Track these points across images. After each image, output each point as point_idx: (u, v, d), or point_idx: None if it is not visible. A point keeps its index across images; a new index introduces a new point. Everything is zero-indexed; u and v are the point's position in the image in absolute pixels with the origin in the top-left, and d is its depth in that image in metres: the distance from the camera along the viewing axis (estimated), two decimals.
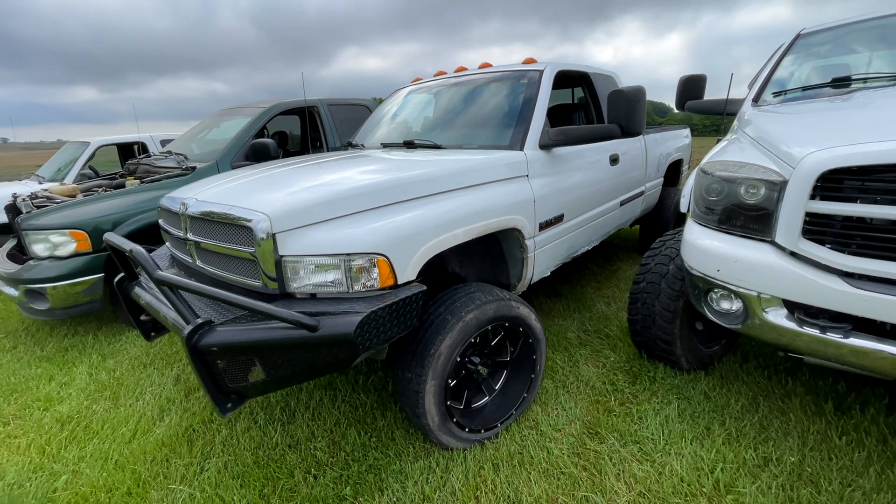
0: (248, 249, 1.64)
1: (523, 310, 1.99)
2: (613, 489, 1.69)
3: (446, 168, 2.02)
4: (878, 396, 2.10)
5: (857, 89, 2.11)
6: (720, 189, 1.79)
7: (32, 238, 2.96)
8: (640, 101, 2.37)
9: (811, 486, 1.64)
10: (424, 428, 1.81)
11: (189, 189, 2.17)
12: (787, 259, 1.56)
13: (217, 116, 4.71)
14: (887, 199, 1.34)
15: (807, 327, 1.52)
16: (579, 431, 2.01)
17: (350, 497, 1.71)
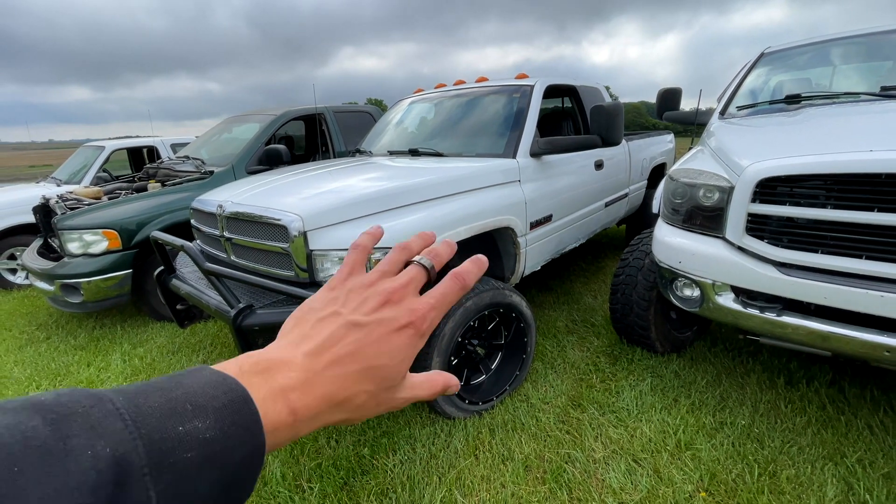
0: (282, 245, 1.93)
1: (516, 298, 2.29)
2: (591, 448, 2.00)
3: (448, 174, 2.32)
4: (824, 373, 2.41)
5: (805, 106, 2.43)
6: (683, 193, 2.10)
7: (67, 237, 3.23)
8: (618, 116, 2.68)
9: (756, 442, 1.96)
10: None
11: (221, 192, 2.46)
12: (735, 252, 1.87)
13: (228, 122, 4.98)
14: (808, 203, 1.66)
15: (749, 308, 1.83)
16: (564, 403, 2.32)
17: (368, 456, 2.00)
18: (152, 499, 0.23)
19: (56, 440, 0.21)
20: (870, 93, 2.33)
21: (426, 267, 0.41)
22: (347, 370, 0.33)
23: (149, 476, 0.23)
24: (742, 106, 2.84)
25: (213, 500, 0.26)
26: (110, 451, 0.22)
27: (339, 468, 1.93)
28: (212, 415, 0.26)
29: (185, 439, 0.25)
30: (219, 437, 0.26)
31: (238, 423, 0.27)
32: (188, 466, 0.24)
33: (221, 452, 0.26)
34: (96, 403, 0.23)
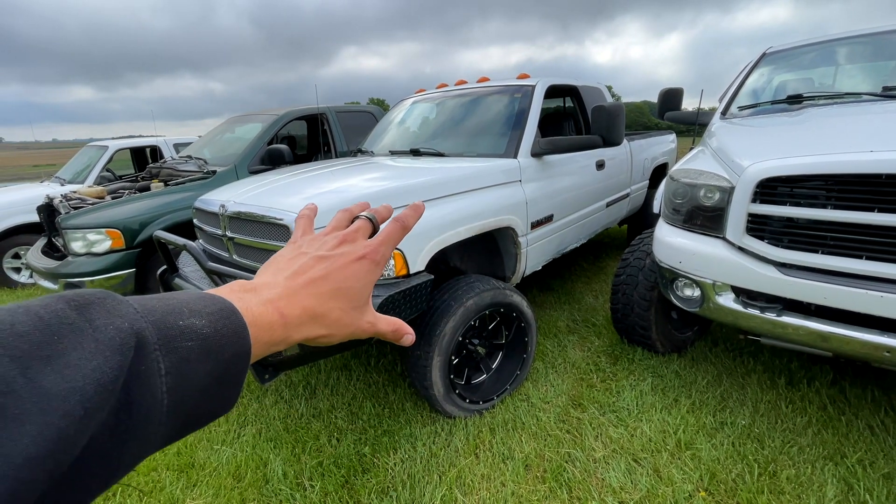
0: (282, 244, 1.94)
1: (516, 297, 2.30)
2: (592, 447, 2.00)
3: (450, 174, 2.33)
4: (825, 373, 2.41)
5: (807, 107, 2.43)
6: (684, 193, 2.11)
7: (71, 236, 3.25)
8: (619, 116, 2.68)
9: (757, 442, 1.96)
10: (431, 398, 2.11)
11: (224, 192, 2.47)
12: (735, 252, 1.88)
13: (230, 122, 5.00)
14: (808, 203, 1.66)
15: (749, 308, 1.83)
16: (565, 403, 2.32)
17: (369, 454, 2.01)
18: (162, 370, 0.27)
19: (82, 321, 0.26)
20: (871, 93, 2.33)
21: (370, 218, 0.49)
22: (321, 289, 0.40)
23: (159, 352, 0.28)
24: (744, 106, 2.84)
25: (207, 388, 0.30)
26: (128, 325, 0.27)
27: (339, 466, 1.94)
28: (206, 317, 0.31)
29: (185, 331, 0.30)
30: (213, 335, 0.31)
31: (228, 327, 0.32)
32: (189, 353, 0.29)
33: (215, 348, 0.31)
34: (109, 296, 0.28)
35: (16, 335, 0.23)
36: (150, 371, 0.27)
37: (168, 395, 0.28)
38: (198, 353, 0.30)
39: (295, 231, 0.50)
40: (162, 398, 0.27)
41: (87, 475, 0.24)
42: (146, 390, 0.27)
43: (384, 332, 0.46)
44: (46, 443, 0.21)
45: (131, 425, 0.26)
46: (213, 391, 0.31)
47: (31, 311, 0.25)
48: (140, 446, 0.27)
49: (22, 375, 0.22)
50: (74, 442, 0.23)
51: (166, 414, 0.28)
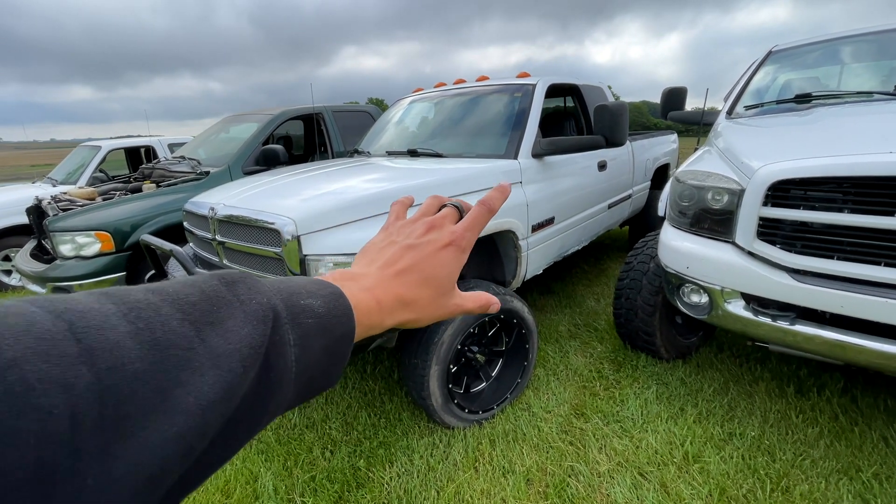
0: (274, 249, 1.86)
1: (517, 303, 2.22)
2: (596, 460, 1.93)
3: (448, 176, 2.25)
4: (835, 381, 2.34)
5: (816, 106, 2.36)
6: (691, 195, 2.03)
7: (59, 239, 3.16)
8: (623, 116, 2.60)
9: (767, 455, 1.88)
10: (429, 408, 2.04)
11: (214, 194, 2.39)
12: (745, 257, 1.80)
13: (225, 122, 4.92)
14: (824, 206, 1.58)
15: (760, 316, 1.76)
16: (567, 412, 2.25)
17: (364, 468, 1.93)
18: (291, 341, 0.31)
19: (231, 295, 0.30)
20: (884, 92, 2.25)
21: (456, 206, 0.51)
22: (410, 278, 0.43)
23: (288, 325, 0.32)
24: (750, 105, 2.76)
25: (320, 362, 0.34)
26: (266, 300, 0.31)
27: (333, 481, 1.86)
28: (320, 299, 0.35)
29: (306, 310, 0.34)
30: (326, 315, 0.35)
31: (338, 308, 0.36)
32: (309, 329, 0.33)
33: (329, 326, 0.35)
34: (249, 276, 0.33)
35: (190, 304, 0.28)
36: (283, 341, 0.31)
37: (295, 363, 0.32)
38: (315, 330, 0.34)
39: (389, 216, 0.53)
40: (291, 366, 0.31)
41: (238, 426, 0.28)
42: (280, 357, 0.31)
43: (471, 310, 0.48)
44: (220, 391, 0.26)
45: (270, 387, 0.30)
46: (325, 366, 0.35)
47: (196, 286, 0.30)
48: (274, 406, 0.31)
49: (197, 336, 0.26)
50: (237, 394, 0.27)
51: (293, 381, 0.32)
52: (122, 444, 0.22)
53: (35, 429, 0.19)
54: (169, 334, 0.25)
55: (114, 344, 0.23)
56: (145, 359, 0.24)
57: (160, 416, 0.23)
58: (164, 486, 0.24)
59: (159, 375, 0.24)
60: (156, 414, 0.23)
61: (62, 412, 0.20)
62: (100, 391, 0.21)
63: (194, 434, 0.24)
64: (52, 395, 0.20)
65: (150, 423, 0.23)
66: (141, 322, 0.25)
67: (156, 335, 0.25)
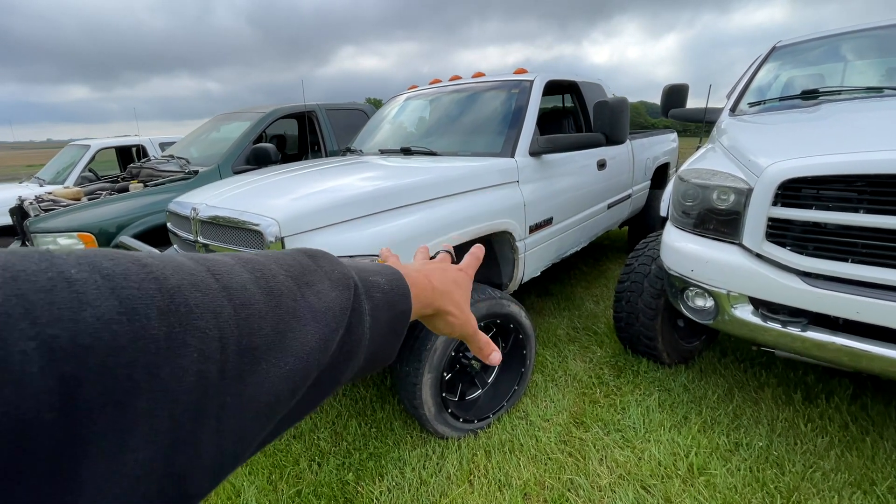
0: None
1: (514, 307, 2.12)
2: (596, 472, 1.83)
3: (442, 175, 2.16)
4: (844, 387, 2.25)
5: (824, 102, 2.27)
6: (695, 195, 1.94)
7: (40, 241, 3.05)
8: (624, 112, 2.51)
9: (776, 467, 1.79)
10: (421, 418, 1.94)
11: (197, 194, 2.29)
12: (753, 260, 1.71)
13: (216, 121, 4.81)
14: (838, 206, 1.49)
15: (770, 322, 1.67)
16: (566, 421, 2.15)
17: (352, 482, 1.83)
18: (366, 310, 0.36)
19: (315, 266, 0.34)
20: (895, 87, 2.17)
21: (448, 252, 0.59)
22: (444, 276, 0.49)
23: (364, 297, 0.36)
24: (754, 102, 2.68)
25: (385, 335, 0.38)
26: (346, 271, 0.36)
27: (320, 496, 1.77)
28: (384, 276, 0.40)
29: (374, 285, 0.38)
30: (390, 291, 0.39)
31: (399, 287, 0.40)
32: (379, 302, 0.37)
33: (393, 301, 0.39)
34: (326, 252, 0.38)
35: (287, 266, 0.32)
36: (361, 309, 0.35)
37: (369, 331, 0.35)
38: (383, 304, 0.37)
39: None
40: (366, 332, 0.35)
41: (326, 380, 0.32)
42: (359, 323, 0.34)
43: (480, 340, 0.52)
44: (319, 341, 0.30)
45: (350, 348, 0.33)
46: (387, 339, 0.38)
47: (287, 255, 0.34)
48: (351, 367, 0.34)
49: (299, 291, 0.30)
50: (330, 347, 0.31)
51: (367, 347, 0.35)
52: (252, 372, 0.25)
53: (197, 345, 0.22)
54: (280, 285, 0.29)
55: (242, 285, 0.26)
56: (266, 301, 0.27)
57: (277, 353, 0.26)
58: (276, 415, 0.27)
59: (277, 318, 0.27)
60: (274, 351, 0.26)
61: (214, 334, 0.23)
62: (237, 322, 0.24)
63: (300, 375, 0.28)
64: (206, 318, 0.23)
65: (270, 357, 0.26)
66: (257, 272, 0.28)
67: (271, 284, 0.28)
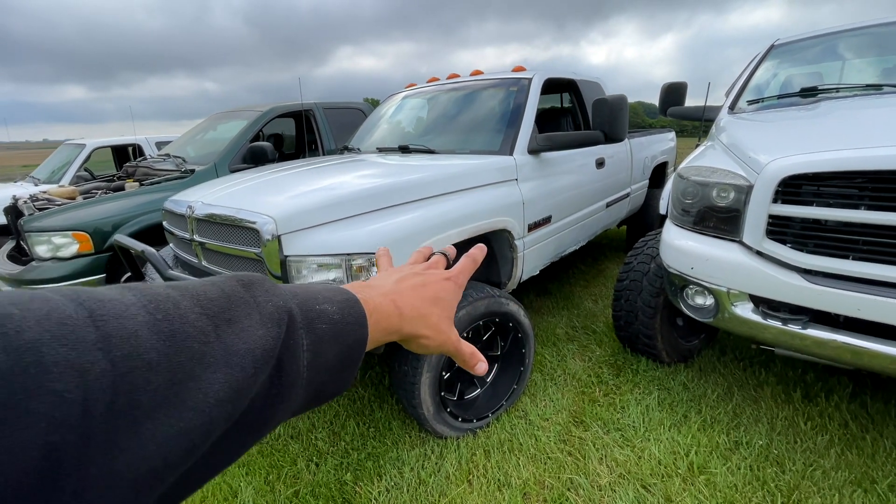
0: (253, 250, 1.75)
1: (513, 306, 2.11)
2: (596, 471, 1.82)
3: (440, 173, 2.14)
4: (843, 385, 2.25)
5: (823, 99, 2.27)
6: (695, 192, 1.93)
7: (35, 240, 3.03)
8: (623, 109, 2.50)
9: (776, 466, 1.79)
10: (420, 417, 1.93)
11: (193, 192, 2.27)
12: (753, 257, 1.70)
13: (213, 119, 4.78)
14: (838, 203, 1.49)
15: (770, 320, 1.66)
16: (565, 420, 2.14)
17: (350, 482, 1.82)
18: (305, 346, 0.32)
19: (249, 296, 0.31)
20: (893, 84, 2.16)
21: (444, 254, 0.56)
22: (424, 294, 0.46)
23: (303, 330, 0.33)
24: (752, 100, 2.67)
25: (332, 368, 0.35)
26: (282, 303, 0.32)
27: (317, 496, 1.75)
28: (336, 304, 0.37)
29: (321, 315, 0.35)
30: (340, 320, 0.36)
31: (352, 315, 0.37)
32: (323, 334, 0.34)
33: (342, 332, 0.36)
34: (265, 278, 0.34)
35: (209, 300, 0.28)
36: (297, 345, 0.32)
37: (307, 369, 0.32)
38: (329, 336, 0.34)
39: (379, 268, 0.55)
40: (303, 371, 0.32)
41: (246, 428, 0.28)
42: (293, 361, 0.31)
43: (464, 353, 0.49)
44: (229, 390, 0.26)
45: (281, 389, 0.30)
46: (337, 372, 0.35)
47: (216, 285, 0.30)
48: (284, 409, 0.31)
49: (214, 332, 0.27)
50: (246, 394, 0.27)
51: (304, 385, 0.32)
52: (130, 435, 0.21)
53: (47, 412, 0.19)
54: (186, 327, 0.26)
55: (131, 333, 0.23)
56: (161, 349, 0.24)
57: (170, 409, 0.23)
58: (164, 481, 0.24)
59: (173, 367, 0.24)
60: (166, 406, 0.23)
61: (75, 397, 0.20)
62: (113, 378, 0.21)
63: (199, 431, 0.24)
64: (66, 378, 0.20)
65: (159, 415, 0.23)
66: (160, 313, 0.25)
67: (173, 327, 0.25)
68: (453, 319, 0.48)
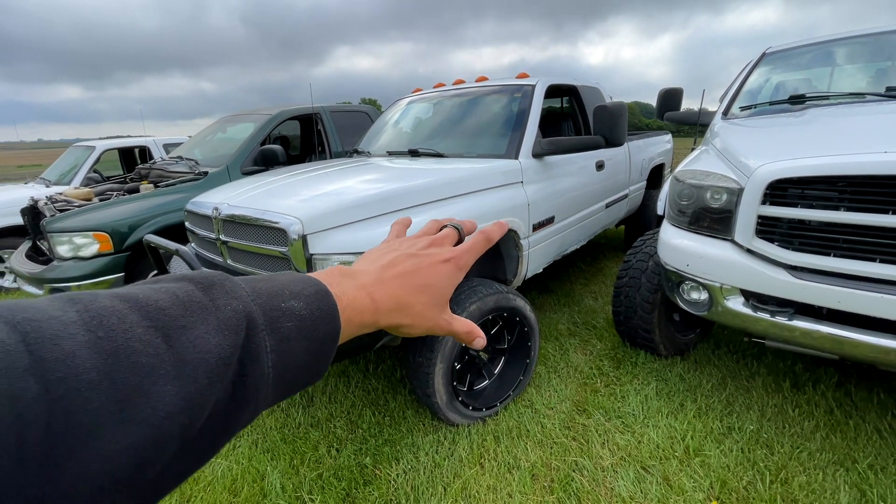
0: (280, 249, 1.87)
1: (519, 301, 2.24)
2: (599, 455, 1.96)
3: (450, 176, 2.27)
4: (829, 375, 2.39)
5: (810, 107, 2.41)
6: (690, 194, 2.07)
7: (57, 240, 3.14)
8: (622, 116, 2.64)
9: (766, 448, 1.93)
10: (433, 406, 2.05)
11: (216, 194, 2.39)
12: (744, 255, 1.84)
13: (222, 122, 4.90)
14: (821, 205, 1.62)
15: (759, 312, 1.80)
16: (569, 409, 2.28)
17: (370, 465, 1.95)
18: (267, 348, 0.31)
19: (207, 300, 0.30)
20: (875, 93, 2.31)
21: (457, 228, 0.53)
22: (409, 282, 0.44)
23: (265, 332, 0.31)
24: (745, 106, 2.81)
25: (304, 364, 0.34)
26: (242, 307, 0.31)
27: (340, 479, 1.88)
28: (304, 299, 0.35)
29: (287, 313, 0.33)
30: (309, 316, 0.34)
31: (322, 309, 0.36)
32: (290, 332, 0.33)
33: (311, 327, 0.34)
34: (227, 278, 0.32)
35: (158, 309, 0.27)
36: (259, 349, 0.31)
37: (273, 369, 0.31)
38: (296, 333, 0.33)
39: (389, 234, 0.55)
40: (268, 372, 0.31)
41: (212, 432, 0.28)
42: (256, 365, 0.30)
43: (458, 332, 0.48)
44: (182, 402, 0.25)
45: (245, 394, 0.30)
46: (308, 366, 0.35)
47: (169, 291, 0.29)
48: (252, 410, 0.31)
49: (164, 343, 0.26)
50: (202, 405, 0.27)
51: (272, 385, 0.32)
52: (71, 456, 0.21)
53: None
54: (132, 342, 0.25)
55: (68, 354, 0.22)
56: (102, 368, 0.23)
57: (115, 427, 0.23)
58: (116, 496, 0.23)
59: (117, 385, 0.23)
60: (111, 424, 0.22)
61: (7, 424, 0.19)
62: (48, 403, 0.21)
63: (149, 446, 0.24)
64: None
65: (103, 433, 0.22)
66: (101, 330, 0.24)
67: (116, 344, 0.24)
68: (446, 302, 0.47)
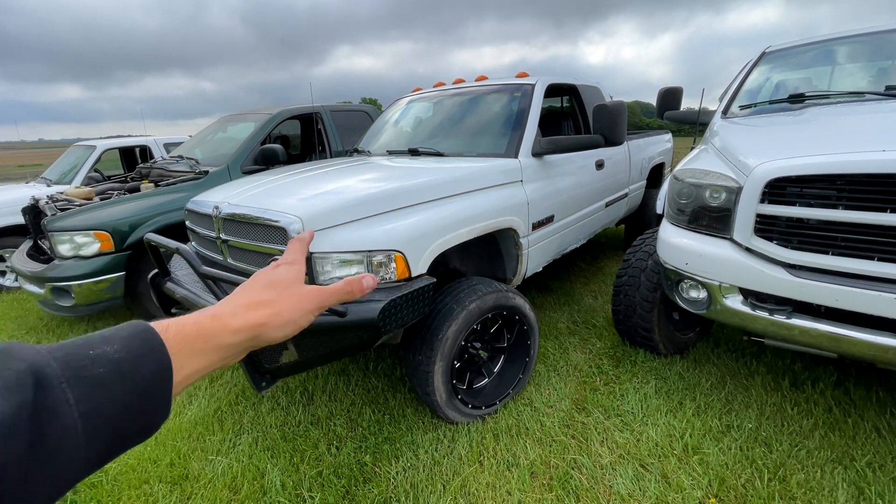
0: (280, 247, 1.88)
1: (519, 300, 2.25)
2: (598, 453, 1.96)
3: (450, 175, 2.28)
4: (829, 374, 2.39)
5: (809, 106, 2.41)
6: (689, 193, 2.07)
7: (58, 239, 3.15)
8: (622, 115, 2.65)
9: (764, 446, 1.93)
10: (433, 404, 2.06)
11: (217, 193, 2.40)
12: (743, 253, 1.85)
13: (222, 122, 4.91)
14: (819, 203, 1.63)
15: (758, 310, 1.80)
16: (569, 407, 2.28)
17: (370, 463, 1.95)
18: (70, 400, 0.30)
19: None
20: (875, 92, 2.31)
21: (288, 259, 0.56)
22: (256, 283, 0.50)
23: (66, 384, 0.30)
24: (744, 105, 2.82)
25: (129, 407, 0.33)
26: (25, 366, 0.29)
27: (340, 476, 1.89)
28: (119, 342, 0.35)
29: (96, 359, 0.33)
30: (127, 358, 0.34)
31: (142, 347, 0.36)
32: (101, 379, 0.32)
33: (130, 369, 0.34)
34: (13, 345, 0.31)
35: None
36: (58, 402, 0.29)
37: (82, 420, 0.30)
38: (112, 377, 0.33)
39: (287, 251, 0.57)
40: (75, 425, 0.30)
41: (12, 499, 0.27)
42: (56, 421, 0.29)
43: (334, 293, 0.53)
44: None
45: (46, 454, 0.28)
46: (137, 408, 0.34)
47: None
48: (62, 471, 0.29)
49: None
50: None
51: (84, 439, 0.30)
52: None
53: None
54: None
55: None
56: None
57: None
58: None
59: None
60: None
61: None
62: None
63: None
64: None
65: None
66: None
67: None
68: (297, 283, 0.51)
